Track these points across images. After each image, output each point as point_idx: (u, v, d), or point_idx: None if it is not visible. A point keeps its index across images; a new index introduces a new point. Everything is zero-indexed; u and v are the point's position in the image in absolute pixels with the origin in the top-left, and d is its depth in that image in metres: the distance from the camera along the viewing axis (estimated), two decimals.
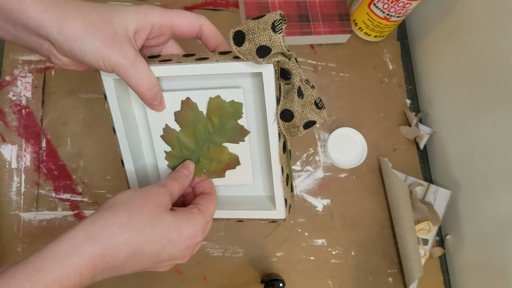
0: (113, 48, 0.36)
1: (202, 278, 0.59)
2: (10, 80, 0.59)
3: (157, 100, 0.42)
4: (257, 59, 0.37)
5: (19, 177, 0.57)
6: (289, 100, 0.39)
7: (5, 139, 0.58)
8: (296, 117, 0.39)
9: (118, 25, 0.37)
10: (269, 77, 0.39)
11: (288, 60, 0.38)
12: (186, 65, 0.40)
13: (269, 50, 0.37)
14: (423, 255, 0.67)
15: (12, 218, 0.56)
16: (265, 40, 0.36)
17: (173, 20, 0.41)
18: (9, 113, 0.58)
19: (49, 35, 0.36)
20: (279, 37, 0.36)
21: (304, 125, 0.40)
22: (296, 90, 0.39)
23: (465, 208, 0.68)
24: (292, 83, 0.39)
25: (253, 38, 0.36)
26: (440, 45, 0.72)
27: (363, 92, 0.72)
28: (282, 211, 0.45)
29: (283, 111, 0.39)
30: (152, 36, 0.41)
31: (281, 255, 0.63)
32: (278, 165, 0.42)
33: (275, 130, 0.41)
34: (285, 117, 0.40)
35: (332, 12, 0.70)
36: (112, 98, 0.42)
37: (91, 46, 0.36)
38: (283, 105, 0.39)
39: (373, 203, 0.68)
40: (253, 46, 0.36)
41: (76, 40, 0.35)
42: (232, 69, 0.39)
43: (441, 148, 0.72)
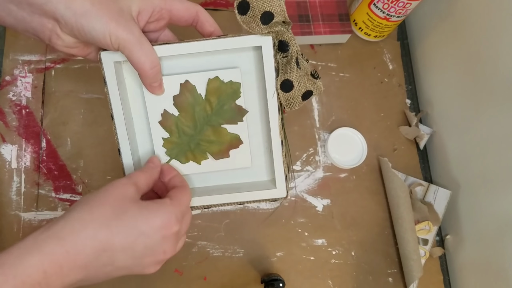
0: (120, 23, 0.37)
1: (202, 278, 0.59)
2: (10, 80, 0.59)
3: (157, 82, 0.42)
4: (260, 26, 0.39)
5: (19, 177, 0.57)
6: (288, 71, 0.40)
7: (5, 139, 0.58)
8: (295, 86, 0.41)
9: (123, 3, 0.38)
10: (269, 49, 0.40)
11: (286, 31, 0.40)
12: (187, 43, 0.42)
13: (272, 16, 0.38)
14: (423, 255, 0.67)
15: (12, 218, 0.56)
16: (269, 6, 0.38)
17: (172, 4, 0.42)
18: (9, 113, 0.58)
19: (56, 11, 0.36)
20: (281, 3, 0.38)
21: (303, 96, 0.42)
22: (294, 60, 0.40)
23: (465, 208, 0.68)
24: (290, 54, 0.40)
25: (257, 6, 0.38)
26: (440, 45, 0.72)
27: (363, 92, 0.72)
28: (283, 189, 0.45)
29: (283, 82, 0.41)
30: (152, 19, 0.42)
31: (281, 255, 0.63)
32: (278, 140, 0.43)
33: (274, 103, 0.42)
34: (285, 87, 0.41)
35: (332, 12, 0.70)
36: (111, 82, 0.42)
37: (99, 21, 0.36)
38: (282, 76, 0.41)
39: (373, 203, 0.68)
40: (257, 12, 0.38)
41: (84, 14, 0.36)
42: (232, 44, 0.41)
43: (441, 148, 0.73)
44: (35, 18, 0.37)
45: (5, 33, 0.60)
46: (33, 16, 0.37)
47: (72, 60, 0.62)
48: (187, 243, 0.60)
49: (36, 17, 0.37)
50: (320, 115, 0.70)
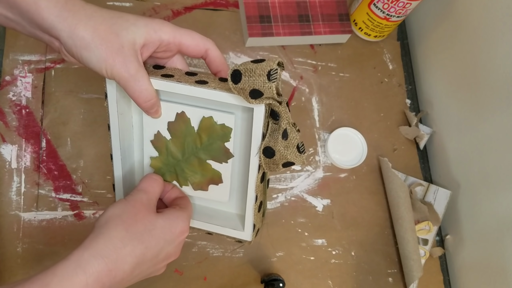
0: (117, 60, 0.38)
1: (202, 278, 0.59)
2: (10, 80, 0.59)
3: (153, 109, 0.44)
4: (249, 99, 0.39)
5: (19, 177, 0.57)
6: (273, 139, 0.41)
7: (5, 139, 0.58)
8: (277, 155, 0.42)
9: (125, 38, 0.39)
10: (259, 115, 0.41)
11: (278, 105, 0.40)
12: (185, 86, 0.42)
13: (261, 94, 0.39)
14: (423, 255, 0.67)
15: (12, 218, 0.56)
16: (258, 85, 0.38)
17: (181, 39, 0.42)
18: (9, 113, 0.58)
19: (60, 37, 0.38)
20: (272, 86, 0.38)
21: (283, 164, 0.43)
22: (282, 131, 0.41)
23: (465, 208, 0.68)
24: (279, 124, 0.41)
25: (248, 81, 0.38)
26: (440, 45, 0.72)
27: (363, 92, 0.72)
28: (249, 234, 0.48)
29: (266, 148, 0.42)
30: (159, 51, 0.42)
31: (281, 255, 0.63)
32: (253, 194, 0.45)
33: (256, 162, 0.44)
34: (267, 154, 0.42)
35: (332, 12, 0.70)
36: (112, 99, 0.44)
37: (97, 56, 0.38)
38: (267, 142, 0.42)
39: (373, 203, 0.68)
40: (247, 87, 0.39)
41: (84, 48, 0.38)
42: (226, 99, 0.41)
43: (441, 148, 0.73)
44: (45, 36, 0.39)
45: (5, 33, 0.60)
46: (44, 34, 0.39)
47: None
48: (187, 243, 0.60)
49: (46, 36, 0.39)
50: (320, 115, 0.70)
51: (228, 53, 0.68)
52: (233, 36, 0.69)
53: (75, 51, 0.38)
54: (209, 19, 0.68)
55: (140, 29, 0.39)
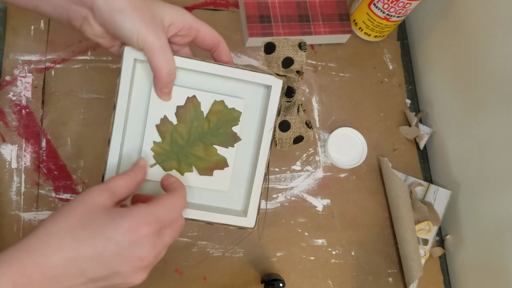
0: (150, 28, 0.40)
1: (202, 278, 0.59)
2: (10, 80, 0.59)
3: (168, 89, 0.45)
4: (280, 68, 0.45)
5: (19, 177, 0.57)
6: (289, 114, 0.46)
7: (5, 139, 0.58)
8: (292, 128, 0.47)
9: (157, 11, 0.42)
10: (277, 90, 0.46)
11: (297, 80, 0.46)
12: (209, 63, 0.45)
13: (292, 62, 0.45)
14: (423, 255, 0.67)
15: (12, 218, 0.56)
16: (292, 53, 0.45)
17: (202, 26, 0.46)
18: (9, 113, 0.58)
19: (93, 3, 0.39)
20: (303, 54, 0.45)
21: (295, 139, 0.47)
22: (296, 106, 0.46)
23: (465, 208, 0.68)
24: (294, 100, 0.46)
25: (283, 50, 0.45)
26: (440, 45, 0.72)
27: (363, 92, 0.72)
28: (252, 219, 0.47)
29: (282, 122, 0.47)
30: (180, 34, 0.45)
31: (281, 255, 0.63)
32: (263, 172, 0.47)
33: (269, 138, 0.47)
34: (283, 127, 0.47)
35: (332, 12, 0.70)
36: (126, 76, 0.44)
37: (131, 21, 0.39)
38: (282, 117, 0.46)
39: (373, 203, 0.68)
40: (281, 55, 0.45)
41: (119, 11, 0.39)
42: (249, 77, 0.46)
43: (441, 148, 0.73)
44: (72, 6, 0.40)
45: (5, 33, 0.60)
46: (70, 5, 0.40)
47: (72, 60, 0.62)
48: (187, 243, 0.60)
49: (73, 6, 0.40)
50: (320, 115, 0.70)
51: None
52: (233, 36, 0.69)
53: (108, 15, 0.39)
54: (209, 19, 0.68)
55: (169, 9, 0.43)
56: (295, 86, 0.46)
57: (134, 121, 0.47)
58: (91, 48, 0.63)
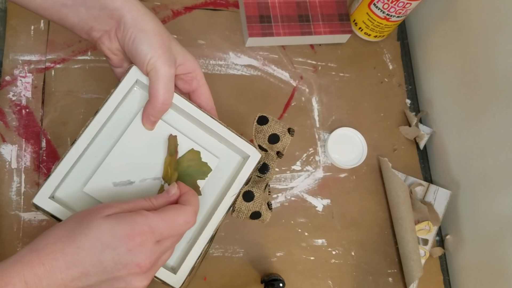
0: (164, 55, 0.42)
1: (202, 278, 0.59)
2: (10, 80, 0.59)
3: (157, 118, 0.45)
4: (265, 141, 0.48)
5: (19, 177, 0.57)
6: (257, 187, 0.47)
7: (5, 139, 0.58)
8: (254, 201, 0.46)
9: (173, 47, 0.44)
10: (254, 161, 0.47)
11: (275, 160, 0.48)
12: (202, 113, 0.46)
13: (277, 141, 0.48)
14: (423, 255, 0.67)
15: (12, 218, 0.56)
16: (280, 132, 0.48)
17: (204, 85, 0.48)
18: (9, 113, 0.58)
19: (122, 17, 0.41)
20: (289, 138, 0.48)
21: (252, 214, 0.47)
22: (265, 184, 0.48)
23: (465, 208, 0.68)
24: (265, 177, 0.48)
25: (273, 126, 0.48)
26: (440, 45, 0.72)
27: (363, 92, 0.72)
28: (181, 279, 0.43)
29: (248, 191, 0.47)
30: (184, 78, 0.47)
31: (281, 255, 0.63)
32: (210, 234, 0.45)
33: (229, 202, 0.46)
34: (247, 197, 0.46)
35: (332, 12, 0.70)
36: (121, 90, 0.44)
37: (150, 43, 0.41)
38: (250, 187, 0.47)
39: (373, 203, 0.68)
40: (270, 130, 0.47)
41: (143, 31, 0.41)
42: (233, 139, 0.47)
43: (441, 148, 0.73)
44: (99, 19, 0.42)
45: (5, 33, 0.60)
46: (98, 18, 0.42)
47: (72, 60, 0.62)
48: None
49: (100, 19, 0.42)
50: (320, 115, 0.70)
51: (228, 53, 0.68)
52: (233, 36, 0.69)
53: (131, 32, 0.41)
54: (209, 19, 0.68)
55: (184, 51, 0.45)
56: (271, 165, 0.48)
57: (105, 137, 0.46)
58: (91, 48, 0.63)
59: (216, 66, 0.67)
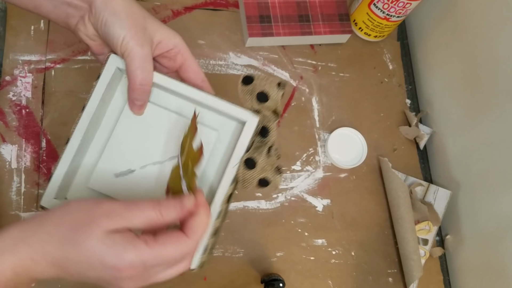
0: (137, 35, 0.41)
1: (202, 278, 0.59)
2: (10, 80, 0.59)
3: (141, 101, 0.44)
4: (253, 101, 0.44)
5: (19, 177, 0.57)
6: (258, 152, 0.43)
7: (5, 139, 0.58)
8: (257, 168, 0.43)
9: (149, 25, 0.43)
10: (251, 126, 0.43)
11: (273, 120, 0.44)
12: (185, 86, 0.44)
13: (266, 98, 0.43)
14: (423, 255, 0.67)
15: (12, 218, 0.56)
16: (268, 89, 0.43)
17: (189, 58, 0.46)
18: (9, 113, 0.58)
19: (93, 1, 0.41)
20: (279, 93, 0.43)
21: (259, 181, 0.44)
22: (267, 148, 0.44)
23: (465, 208, 0.68)
24: (267, 141, 0.44)
25: (260, 84, 0.43)
26: (440, 45, 0.72)
27: (363, 92, 0.72)
28: (195, 259, 0.41)
29: (248, 159, 0.43)
30: (167, 55, 0.45)
31: (281, 255, 0.63)
32: (217, 209, 0.42)
33: (231, 175, 0.43)
34: (248, 164, 0.43)
35: (332, 12, 0.70)
36: (103, 81, 0.43)
37: (122, 24, 0.41)
38: (250, 154, 0.43)
39: (373, 203, 0.68)
40: (257, 89, 0.43)
41: (113, 13, 0.41)
42: (224, 107, 0.44)
43: (441, 148, 0.73)
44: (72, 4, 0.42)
45: (5, 33, 0.60)
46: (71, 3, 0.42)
47: (72, 60, 0.62)
48: None
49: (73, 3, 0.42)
50: (320, 115, 0.70)
51: (228, 53, 0.68)
52: (233, 36, 0.69)
53: (103, 16, 0.41)
54: (209, 19, 0.68)
55: (162, 28, 0.44)
56: (270, 126, 0.44)
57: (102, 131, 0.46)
58: None
59: (216, 66, 0.67)
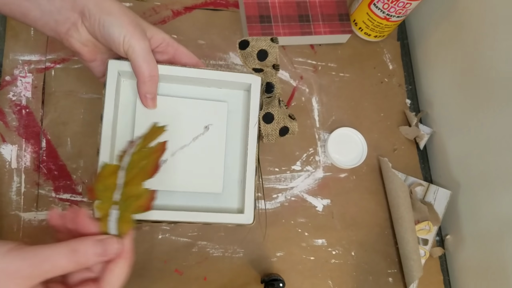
0: (136, 32, 0.43)
1: (202, 278, 0.59)
2: (10, 80, 0.59)
3: (152, 94, 0.46)
4: (256, 61, 0.48)
5: (19, 177, 0.57)
6: (271, 106, 0.48)
7: (5, 139, 0.58)
8: (275, 119, 0.48)
9: (141, 22, 0.45)
10: (257, 86, 0.48)
11: (274, 74, 0.48)
12: (188, 69, 0.47)
13: (266, 55, 0.48)
14: (423, 255, 0.67)
15: (12, 218, 0.56)
16: (265, 46, 0.48)
17: (180, 46, 0.48)
18: (9, 113, 0.58)
19: (85, 6, 0.42)
20: (276, 46, 0.48)
21: (280, 131, 0.49)
22: (277, 99, 0.48)
23: (465, 208, 0.68)
24: (274, 94, 0.48)
25: (256, 43, 0.47)
26: (440, 45, 0.72)
27: (363, 92, 0.72)
28: (250, 215, 0.47)
29: (266, 114, 0.48)
30: (159, 50, 0.47)
31: (281, 255, 0.63)
32: (253, 166, 0.47)
33: (255, 133, 0.48)
34: (267, 119, 0.48)
35: (332, 12, 0.70)
36: (111, 87, 0.45)
37: (120, 23, 0.42)
38: (265, 109, 0.48)
39: (373, 203, 0.68)
40: (255, 49, 0.48)
41: (109, 14, 0.42)
42: (228, 77, 0.48)
43: (441, 148, 0.73)
44: (61, 11, 0.42)
45: (5, 33, 0.60)
46: (60, 10, 0.42)
47: (72, 60, 0.62)
48: (187, 243, 0.60)
49: (63, 10, 0.42)
50: (320, 115, 0.70)
51: (228, 53, 0.68)
52: (233, 36, 0.69)
53: (99, 18, 0.41)
54: (209, 19, 0.68)
55: (150, 25, 0.46)
56: (273, 80, 0.48)
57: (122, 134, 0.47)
58: None
59: (216, 66, 0.67)
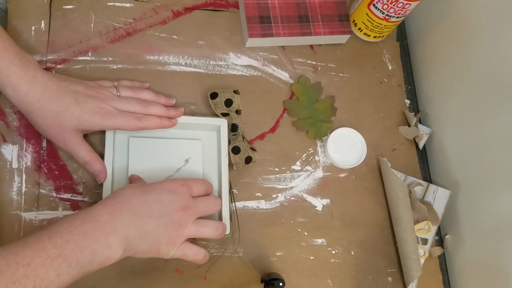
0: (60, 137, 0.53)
1: (202, 278, 0.59)
2: None
3: (96, 171, 0.56)
4: (223, 107, 0.62)
5: (20, 177, 0.57)
6: (238, 141, 0.61)
7: (6, 139, 0.58)
8: (242, 151, 0.61)
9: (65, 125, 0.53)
10: (225, 127, 0.61)
11: (237, 117, 0.62)
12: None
13: (231, 103, 0.62)
14: (423, 255, 0.67)
15: (12, 218, 0.56)
16: (230, 95, 0.62)
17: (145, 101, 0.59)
18: (10, 113, 0.59)
19: (6, 95, 0.51)
20: (238, 97, 0.63)
21: (245, 159, 0.61)
22: (241, 136, 0.62)
23: (464, 207, 0.68)
24: (238, 132, 0.62)
25: (223, 95, 0.62)
26: (439, 46, 0.72)
27: (362, 92, 0.73)
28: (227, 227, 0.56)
29: (234, 147, 0.61)
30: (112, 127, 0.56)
31: (281, 254, 0.63)
32: (227, 186, 0.59)
33: (226, 162, 0.60)
34: (235, 151, 0.61)
35: (331, 12, 0.70)
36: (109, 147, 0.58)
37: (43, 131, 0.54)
38: (233, 143, 0.61)
39: (372, 203, 0.68)
40: (223, 99, 0.62)
41: (29, 113, 0.52)
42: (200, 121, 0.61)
43: (440, 148, 0.73)
44: None
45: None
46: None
47: (72, 61, 0.62)
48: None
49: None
50: None
51: (228, 54, 0.68)
52: (233, 36, 0.69)
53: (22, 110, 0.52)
54: (209, 19, 0.69)
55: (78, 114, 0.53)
56: (237, 122, 0.62)
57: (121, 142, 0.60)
58: (92, 49, 0.63)
59: (216, 66, 0.67)
